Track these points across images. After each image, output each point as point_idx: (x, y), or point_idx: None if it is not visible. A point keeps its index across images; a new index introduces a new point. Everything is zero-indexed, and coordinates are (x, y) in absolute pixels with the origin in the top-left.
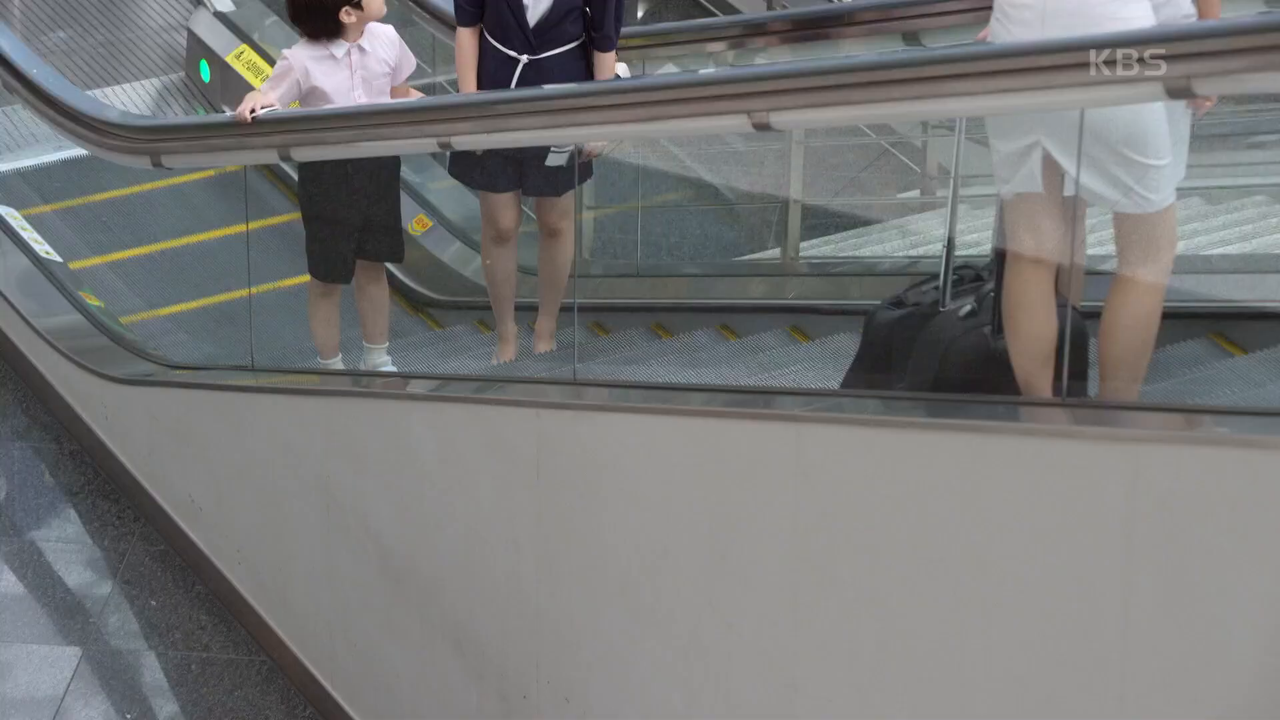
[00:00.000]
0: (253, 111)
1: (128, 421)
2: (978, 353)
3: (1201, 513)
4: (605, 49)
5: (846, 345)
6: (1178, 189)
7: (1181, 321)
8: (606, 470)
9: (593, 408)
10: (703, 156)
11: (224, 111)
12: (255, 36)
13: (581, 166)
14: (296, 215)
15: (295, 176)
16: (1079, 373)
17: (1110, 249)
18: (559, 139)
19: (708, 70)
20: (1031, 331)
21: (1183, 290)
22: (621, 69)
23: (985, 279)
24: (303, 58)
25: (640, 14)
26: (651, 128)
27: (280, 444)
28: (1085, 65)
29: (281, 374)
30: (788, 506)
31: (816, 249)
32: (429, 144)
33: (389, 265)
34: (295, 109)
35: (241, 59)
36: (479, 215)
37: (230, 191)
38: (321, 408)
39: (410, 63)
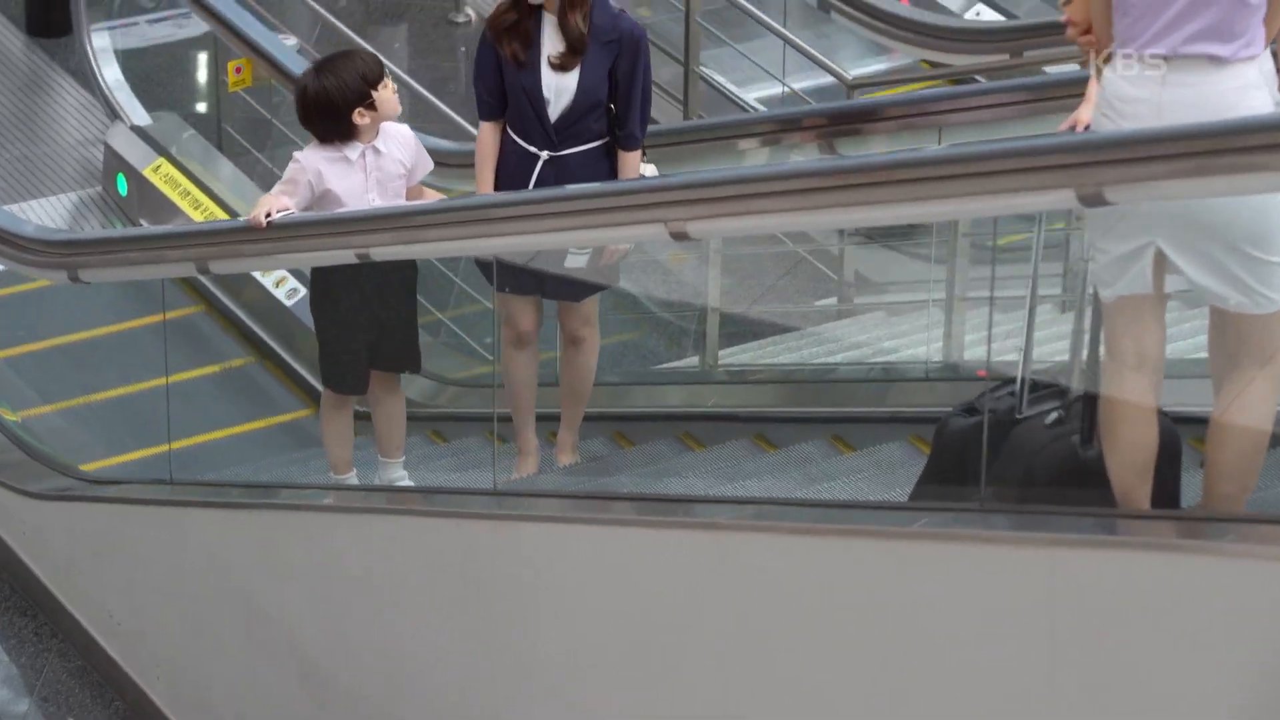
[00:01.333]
0: (268, 216)
1: (45, 536)
2: (1066, 463)
3: None
4: (630, 148)
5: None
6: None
7: None
8: (534, 579)
9: (519, 518)
10: (621, 265)
11: (141, 225)
12: (173, 150)
13: (604, 271)
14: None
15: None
16: (1177, 482)
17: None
18: (474, 250)
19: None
20: (1131, 440)
21: None
22: (649, 169)
23: (1063, 384)
24: (315, 160)
25: None
26: (569, 237)
27: (201, 557)
28: (1001, 173)
29: (202, 487)
30: (718, 615)
31: (735, 356)
32: (347, 255)
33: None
34: (215, 221)
35: (159, 173)
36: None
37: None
38: (245, 521)
39: (427, 163)
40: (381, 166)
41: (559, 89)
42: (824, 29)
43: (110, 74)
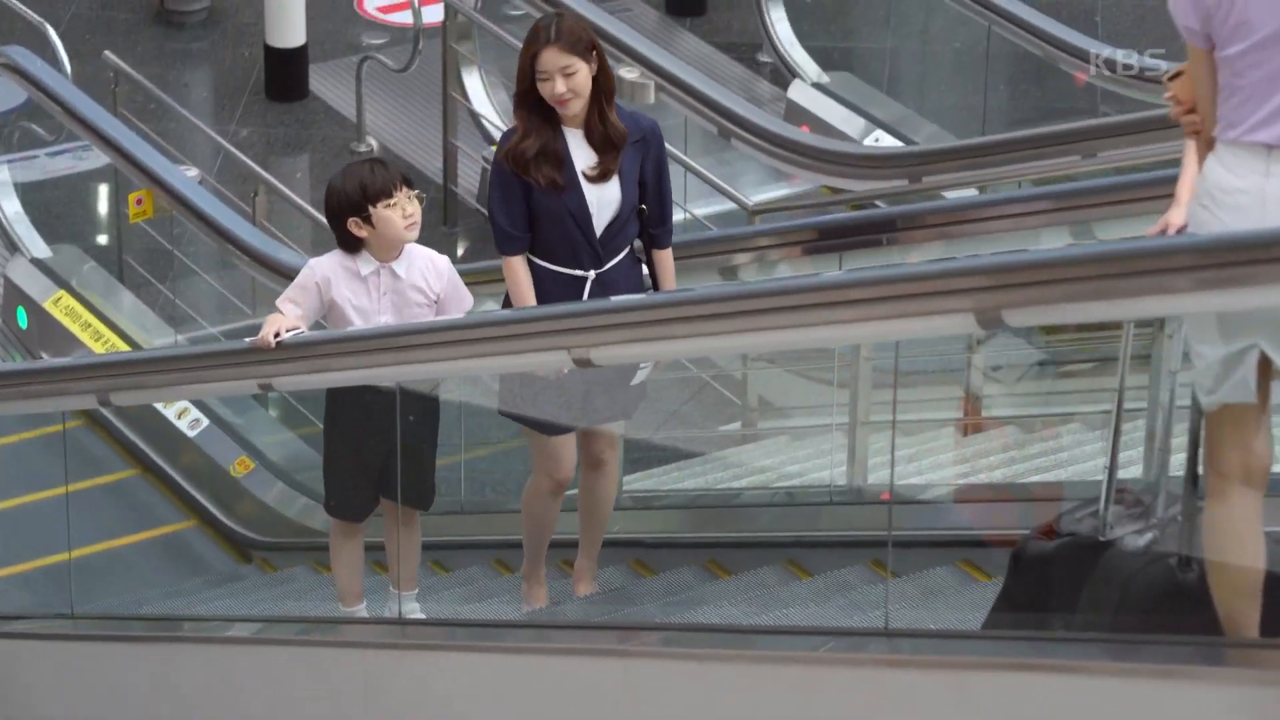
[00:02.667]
0: (277, 336)
1: None
2: (1164, 587)
3: None
4: (665, 244)
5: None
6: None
7: None
8: (438, 709)
9: (423, 646)
10: (525, 392)
11: (42, 358)
12: (73, 282)
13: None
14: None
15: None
16: None
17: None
18: (380, 378)
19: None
20: (1239, 562)
21: None
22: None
23: (1147, 503)
24: (328, 266)
25: (460, 252)
26: (476, 364)
27: (99, 691)
28: (902, 298)
29: (104, 620)
30: None
31: (639, 482)
32: (250, 386)
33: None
34: (117, 353)
35: (59, 305)
36: (301, 456)
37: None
38: (146, 653)
39: (463, 301)
40: (398, 290)
41: (600, 202)
42: (725, 155)
43: (9, 207)
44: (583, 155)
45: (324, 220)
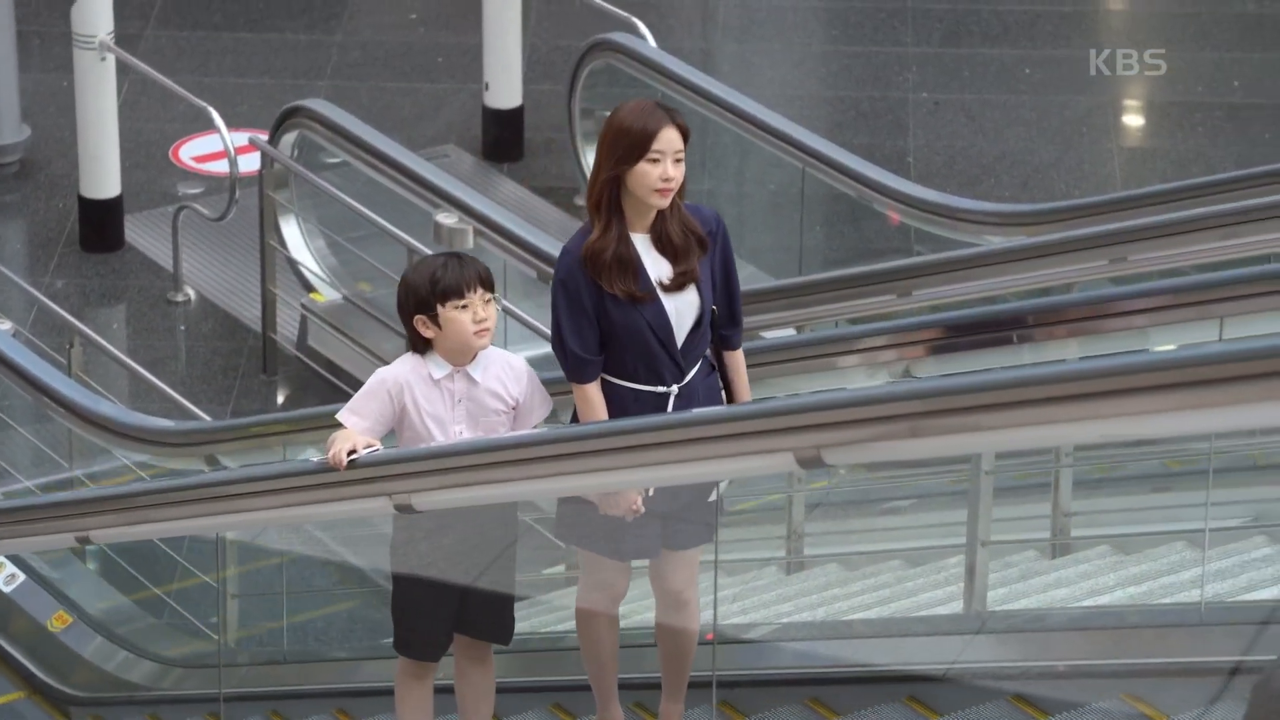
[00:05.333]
0: (352, 453)
1: None
2: None
3: None
4: (737, 344)
5: None
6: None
7: None
8: None
9: None
10: (347, 540)
11: None
12: None
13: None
14: None
15: None
16: None
17: None
18: (198, 529)
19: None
20: None
21: None
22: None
23: None
24: (399, 370)
25: (280, 400)
26: (298, 512)
27: None
28: (722, 438)
29: None
30: None
31: None
32: (67, 539)
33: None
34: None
35: None
36: (121, 610)
37: None
38: None
39: (543, 405)
40: (474, 397)
41: (680, 311)
42: (542, 299)
43: None
44: (653, 263)
45: (139, 369)
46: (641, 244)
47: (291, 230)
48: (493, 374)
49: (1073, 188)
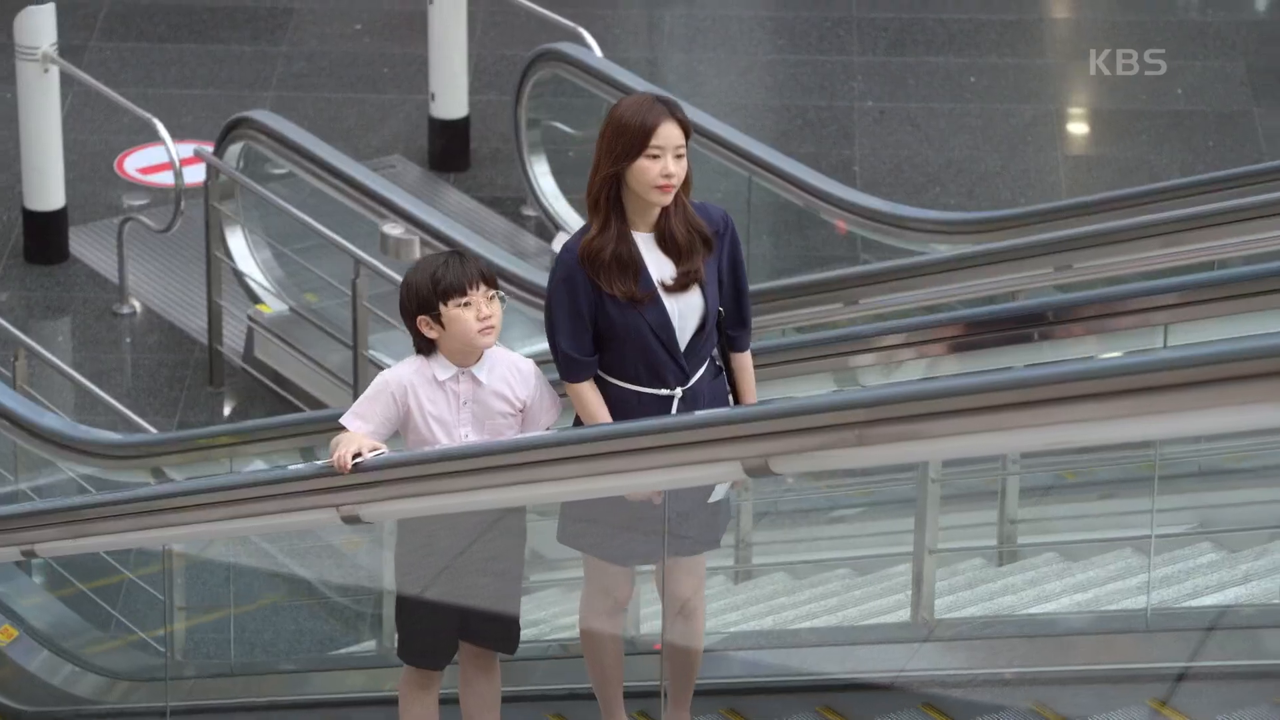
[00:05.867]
0: (357, 456)
1: None
2: None
3: None
4: (744, 347)
5: None
6: (765, 566)
7: None
8: None
9: None
10: (295, 551)
11: None
12: None
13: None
14: None
15: None
16: None
17: None
18: (146, 540)
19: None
20: None
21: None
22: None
23: None
24: (403, 372)
25: (227, 412)
26: (243, 524)
27: None
28: (669, 447)
29: None
30: None
31: None
32: (12, 553)
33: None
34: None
35: None
36: (66, 623)
37: None
38: None
39: (552, 409)
40: (479, 399)
41: (683, 312)
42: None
43: None
44: (656, 263)
45: (84, 381)
46: (644, 243)
47: (237, 242)
48: (499, 375)
49: (1018, 195)
